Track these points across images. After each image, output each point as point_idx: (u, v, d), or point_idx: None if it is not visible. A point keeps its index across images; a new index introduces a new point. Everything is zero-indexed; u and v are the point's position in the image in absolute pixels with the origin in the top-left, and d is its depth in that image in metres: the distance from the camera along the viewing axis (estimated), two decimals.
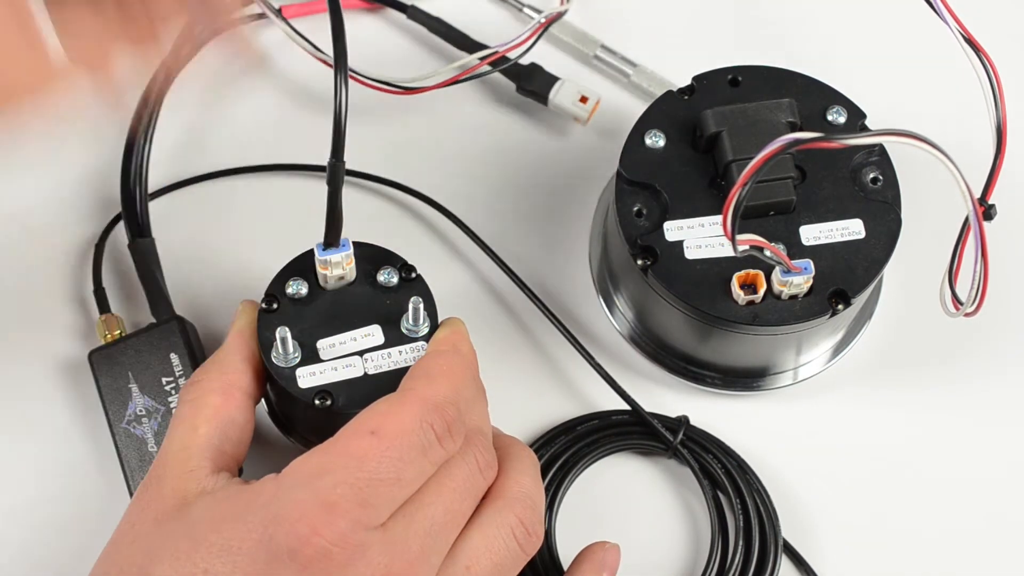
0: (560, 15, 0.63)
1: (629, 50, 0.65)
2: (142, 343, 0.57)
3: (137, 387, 0.56)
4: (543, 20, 0.62)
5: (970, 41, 0.51)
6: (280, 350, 0.51)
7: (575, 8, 0.66)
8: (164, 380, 0.56)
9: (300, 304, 0.52)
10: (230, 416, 0.49)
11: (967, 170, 0.47)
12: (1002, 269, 0.53)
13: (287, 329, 0.50)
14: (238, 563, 0.42)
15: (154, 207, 0.61)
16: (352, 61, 0.49)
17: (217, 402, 0.49)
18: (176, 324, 0.57)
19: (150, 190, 0.61)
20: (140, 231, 0.60)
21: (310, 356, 0.51)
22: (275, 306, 0.52)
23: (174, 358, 0.56)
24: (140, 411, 0.55)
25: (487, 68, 0.62)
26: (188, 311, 0.59)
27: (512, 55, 0.62)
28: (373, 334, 0.52)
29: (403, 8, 0.65)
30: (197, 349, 0.57)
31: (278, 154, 0.63)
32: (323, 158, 0.48)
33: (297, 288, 0.52)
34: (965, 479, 0.58)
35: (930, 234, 0.59)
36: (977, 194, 0.48)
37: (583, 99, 0.62)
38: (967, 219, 0.51)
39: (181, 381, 0.56)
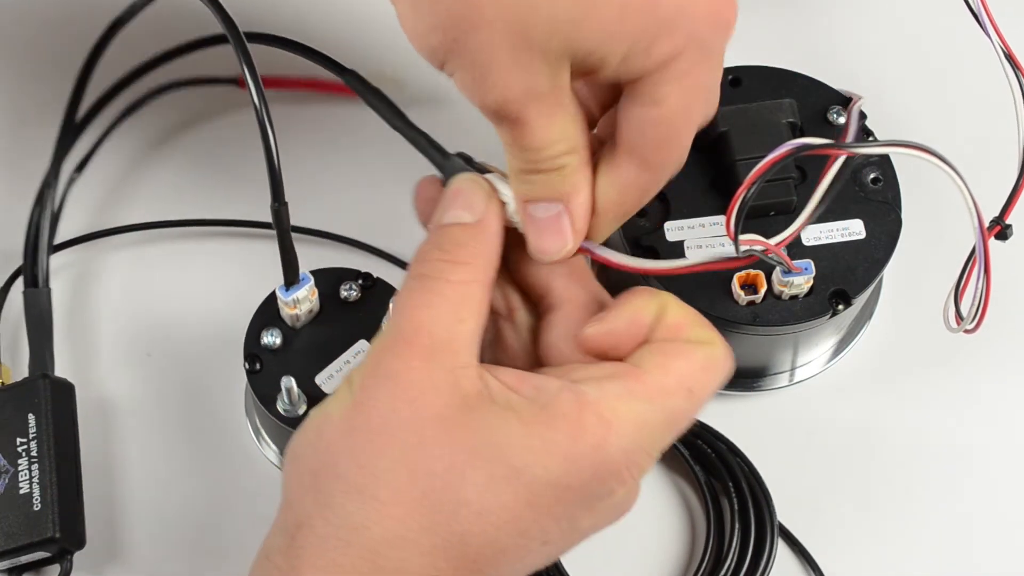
0: None
1: None
2: (6, 398, 0.54)
3: None
4: None
5: (1010, 57, 0.51)
6: (287, 400, 0.51)
7: None
8: (18, 440, 0.53)
9: (282, 352, 0.52)
10: (484, 315, 0.44)
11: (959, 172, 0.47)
12: (1005, 273, 0.53)
13: (292, 379, 0.50)
14: (564, 499, 0.41)
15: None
16: None
17: (480, 297, 0.44)
18: (41, 383, 0.54)
19: (67, 239, 0.61)
20: (35, 280, 0.58)
21: (316, 395, 0.51)
22: (258, 366, 0.52)
23: (31, 419, 0.54)
24: None
25: None
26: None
27: None
28: (363, 349, 0.52)
29: (341, 71, 0.52)
30: (63, 412, 0.55)
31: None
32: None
33: (272, 339, 0.52)
34: (964, 479, 0.58)
35: (931, 234, 0.59)
36: (985, 209, 0.47)
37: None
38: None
39: (34, 444, 0.53)
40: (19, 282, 0.59)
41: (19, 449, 0.53)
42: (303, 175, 0.62)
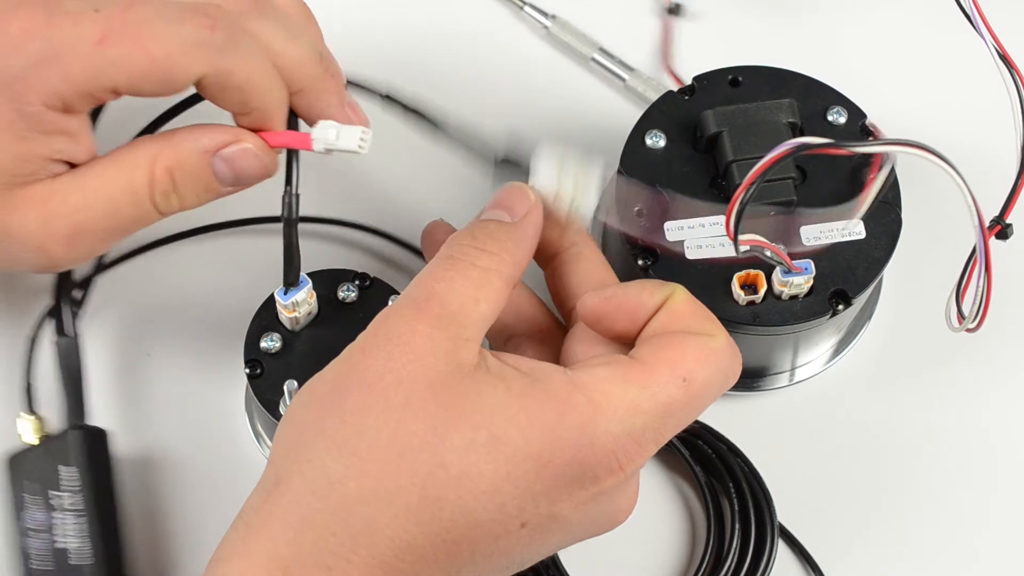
0: None
1: (628, 50, 0.66)
2: (41, 451, 0.54)
3: (30, 497, 0.53)
4: None
5: (1004, 57, 0.51)
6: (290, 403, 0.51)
7: (575, 8, 0.66)
8: (50, 493, 0.52)
9: (282, 357, 0.52)
10: (500, 306, 0.45)
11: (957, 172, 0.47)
12: (1006, 273, 0.53)
13: (295, 382, 0.50)
14: (544, 476, 0.41)
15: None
16: None
17: (500, 287, 0.45)
18: (72, 434, 0.54)
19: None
20: (61, 327, 0.56)
21: None
22: (259, 371, 0.52)
23: (63, 470, 0.53)
24: (30, 524, 0.52)
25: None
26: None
27: None
28: None
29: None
30: (100, 460, 0.54)
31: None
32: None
33: (272, 343, 0.52)
34: (966, 478, 0.58)
35: (931, 234, 0.59)
36: (985, 209, 0.47)
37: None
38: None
39: (66, 496, 0.52)
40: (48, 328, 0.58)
41: (51, 501, 0.52)
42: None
